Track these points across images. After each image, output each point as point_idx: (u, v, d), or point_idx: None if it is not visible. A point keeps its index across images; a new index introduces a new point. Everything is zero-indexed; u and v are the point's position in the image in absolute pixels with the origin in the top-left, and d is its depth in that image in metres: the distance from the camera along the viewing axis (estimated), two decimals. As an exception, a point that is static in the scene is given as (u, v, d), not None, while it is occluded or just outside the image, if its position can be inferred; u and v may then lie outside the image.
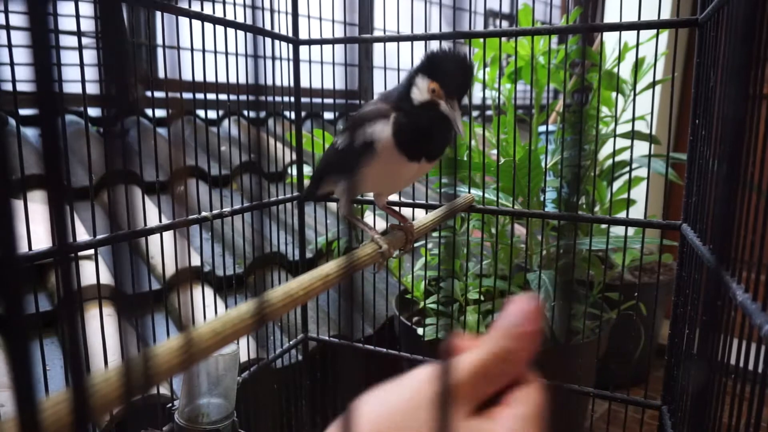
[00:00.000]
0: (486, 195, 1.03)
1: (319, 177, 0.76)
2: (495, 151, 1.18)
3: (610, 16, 1.86)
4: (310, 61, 1.14)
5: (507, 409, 0.25)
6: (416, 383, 0.25)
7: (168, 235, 0.84)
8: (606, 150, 1.51)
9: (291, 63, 1.13)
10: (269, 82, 1.10)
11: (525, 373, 0.27)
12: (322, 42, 1.12)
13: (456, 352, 0.27)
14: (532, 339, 0.26)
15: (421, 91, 0.62)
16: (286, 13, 1.14)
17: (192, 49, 0.85)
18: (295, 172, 1.20)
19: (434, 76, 0.60)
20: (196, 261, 1.16)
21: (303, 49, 1.13)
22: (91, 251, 0.76)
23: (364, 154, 0.63)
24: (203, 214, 0.91)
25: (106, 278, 1.05)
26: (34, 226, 0.61)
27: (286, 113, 1.72)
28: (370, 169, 0.64)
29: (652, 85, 0.94)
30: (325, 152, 0.81)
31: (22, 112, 1.45)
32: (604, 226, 1.33)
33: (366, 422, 0.24)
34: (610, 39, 1.56)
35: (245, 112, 1.77)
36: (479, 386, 0.25)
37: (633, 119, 0.92)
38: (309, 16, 1.16)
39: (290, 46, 1.12)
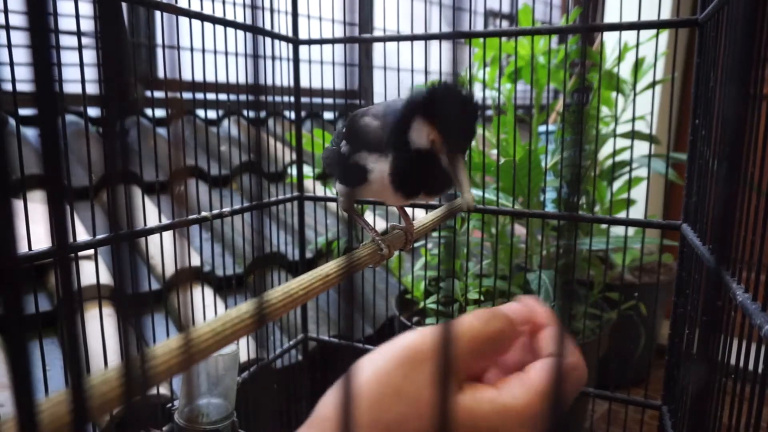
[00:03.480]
0: (486, 195, 1.03)
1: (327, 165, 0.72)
2: (495, 151, 1.18)
3: (610, 16, 1.86)
4: (310, 61, 1.14)
5: (513, 379, 0.26)
6: (412, 353, 0.25)
7: (168, 235, 0.84)
8: (606, 150, 1.51)
9: (291, 63, 1.13)
10: (269, 82, 1.10)
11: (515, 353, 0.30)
12: (322, 42, 1.12)
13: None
14: (523, 329, 0.29)
15: (419, 137, 0.55)
16: (286, 13, 1.14)
17: (192, 49, 0.85)
18: (295, 172, 1.20)
19: (434, 123, 0.53)
20: (196, 261, 1.16)
21: (303, 49, 1.13)
22: (91, 251, 0.76)
23: (362, 174, 0.59)
24: (203, 214, 0.91)
25: (106, 278, 1.05)
26: (34, 226, 0.61)
27: (286, 113, 1.72)
28: (368, 187, 0.60)
29: (652, 85, 0.94)
30: (327, 148, 0.79)
31: (22, 112, 1.45)
32: (604, 226, 1.33)
33: (364, 388, 0.23)
34: (610, 39, 1.56)
35: (245, 112, 1.77)
36: (471, 360, 0.27)
37: (633, 119, 0.92)
38: (309, 16, 1.16)
39: (290, 46, 1.12)
